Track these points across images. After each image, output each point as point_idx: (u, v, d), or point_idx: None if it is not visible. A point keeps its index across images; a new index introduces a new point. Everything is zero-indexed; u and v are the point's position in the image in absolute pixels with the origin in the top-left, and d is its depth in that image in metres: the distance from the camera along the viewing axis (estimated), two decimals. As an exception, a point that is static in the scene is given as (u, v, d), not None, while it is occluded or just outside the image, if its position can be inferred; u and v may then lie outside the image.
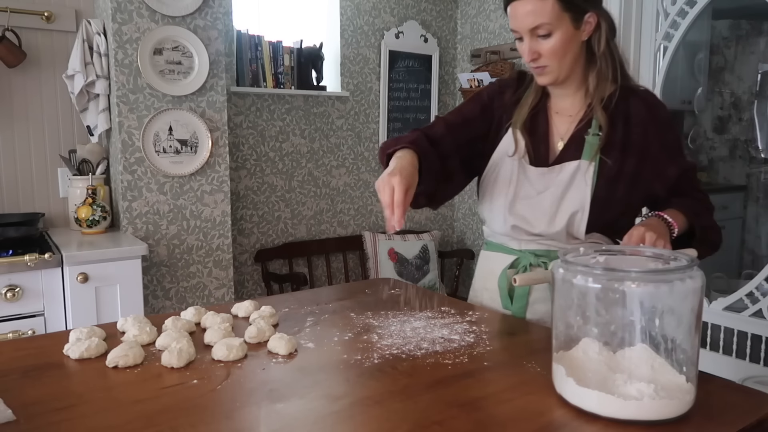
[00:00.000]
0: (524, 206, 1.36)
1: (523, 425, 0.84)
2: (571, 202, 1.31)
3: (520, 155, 1.37)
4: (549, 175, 1.34)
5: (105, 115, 2.42)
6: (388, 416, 0.86)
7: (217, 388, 0.95)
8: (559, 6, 1.22)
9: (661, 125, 1.33)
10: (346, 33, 3.39)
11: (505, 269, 1.40)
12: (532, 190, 1.36)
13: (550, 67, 1.28)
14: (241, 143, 3.06)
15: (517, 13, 1.25)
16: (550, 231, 1.33)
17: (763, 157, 4.29)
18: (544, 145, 1.37)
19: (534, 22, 1.23)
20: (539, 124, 1.39)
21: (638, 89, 1.36)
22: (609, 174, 1.30)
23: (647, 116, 1.32)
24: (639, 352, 0.86)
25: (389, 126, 3.58)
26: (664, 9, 2.76)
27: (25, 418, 0.84)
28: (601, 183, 1.30)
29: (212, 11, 2.51)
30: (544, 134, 1.38)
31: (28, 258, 1.94)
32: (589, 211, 1.30)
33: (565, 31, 1.24)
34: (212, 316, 1.24)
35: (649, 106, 1.34)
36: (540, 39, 1.25)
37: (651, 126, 1.32)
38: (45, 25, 2.48)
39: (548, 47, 1.25)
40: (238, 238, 3.08)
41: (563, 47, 1.26)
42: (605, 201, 1.30)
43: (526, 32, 1.25)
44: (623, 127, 1.32)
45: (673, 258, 0.92)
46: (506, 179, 1.39)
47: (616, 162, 1.31)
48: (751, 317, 2.54)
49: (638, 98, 1.34)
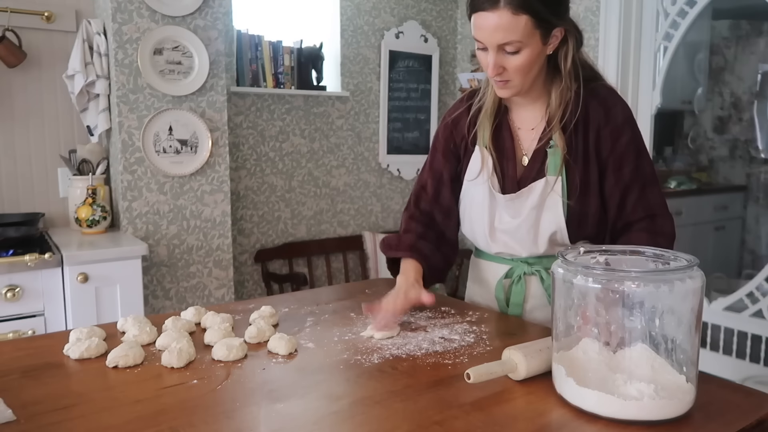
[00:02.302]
0: (504, 235, 1.34)
1: (523, 425, 0.84)
2: (547, 224, 1.28)
3: (488, 175, 1.34)
4: (518, 200, 1.31)
5: (105, 115, 2.42)
6: (388, 416, 0.86)
7: (217, 388, 0.95)
8: (532, 23, 1.14)
9: (614, 127, 1.26)
10: (346, 33, 3.38)
11: (501, 280, 1.39)
12: (507, 217, 1.33)
13: (513, 81, 1.22)
14: (241, 143, 3.06)
15: (484, 25, 1.16)
16: (535, 253, 1.33)
17: (763, 157, 4.29)
18: (511, 162, 1.33)
19: (504, 38, 1.15)
20: (504, 140, 1.34)
21: (599, 91, 1.28)
22: (577, 188, 1.26)
23: (602, 119, 1.26)
24: (639, 352, 0.86)
25: (389, 126, 3.58)
26: (664, 9, 2.76)
27: (25, 418, 0.84)
28: (573, 198, 1.26)
29: (212, 11, 2.51)
30: (510, 150, 1.34)
31: (28, 258, 1.94)
32: (566, 229, 1.27)
33: (534, 48, 1.18)
34: (212, 316, 1.24)
35: (606, 108, 1.27)
36: (507, 54, 1.18)
37: (605, 129, 1.26)
38: (45, 25, 2.48)
39: (515, 63, 1.18)
40: (238, 238, 3.08)
41: (530, 64, 1.19)
42: (580, 216, 1.27)
43: (493, 46, 1.17)
44: (583, 135, 1.27)
45: (673, 258, 0.92)
46: (480, 205, 1.36)
47: (581, 174, 1.26)
48: (751, 317, 2.54)
49: (596, 101, 1.27)
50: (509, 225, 1.32)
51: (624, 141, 1.25)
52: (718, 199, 4.32)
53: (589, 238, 1.30)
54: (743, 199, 4.47)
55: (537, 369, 0.97)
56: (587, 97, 1.26)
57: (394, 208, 3.66)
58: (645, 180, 1.26)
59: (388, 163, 3.60)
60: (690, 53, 4.02)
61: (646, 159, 1.29)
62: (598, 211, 1.28)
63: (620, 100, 1.30)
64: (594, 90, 1.28)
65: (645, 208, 1.26)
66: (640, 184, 1.26)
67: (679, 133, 4.65)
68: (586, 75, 1.29)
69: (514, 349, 0.99)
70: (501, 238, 1.35)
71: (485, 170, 1.34)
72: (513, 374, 0.97)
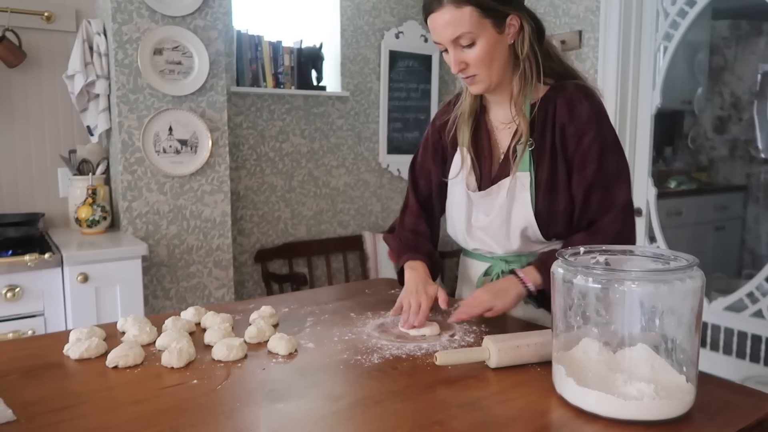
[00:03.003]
0: (480, 233, 1.37)
1: (523, 425, 0.84)
2: (517, 220, 1.29)
3: (465, 174, 1.37)
4: (488, 197, 1.33)
5: (105, 115, 2.42)
6: (388, 416, 0.86)
7: (217, 388, 0.95)
8: (477, 13, 1.17)
9: (578, 126, 1.24)
10: (346, 33, 3.38)
11: (481, 277, 1.41)
12: (482, 215, 1.35)
13: (479, 75, 1.24)
14: (241, 143, 3.06)
15: (436, 25, 1.21)
16: (509, 250, 1.34)
17: (763, 157, 4.29)
18: (488, 161, 1.36)
19: (454, 32, 1.19)
20: (481, 140, 1.37)
21: (566, 88, 1.28)
22: (546, 185, 1.27)
23: (566, 117, 1.25)
24: (639, 352, 0.86)
25: (389, 126, 3.58)
26: (664, 9, 2.76)
27: (25, 418, 0.84)
28: (541, 195, 1.27)
29: (212, 11, 2.51)
30: (487, 149, 1.36)
31: (28, 258, 1.94)
32: (537, 225, 1.27)
33: (489, 37, 1.19)
34: (212, 316, 1.24)
35: (570, 105, 1.25)
36: (464, 49, 1.21)
37: (569, 127, 1.25)
38: (45, 25, 2.48)
39: (474, 56, 1.21)
40: (238, 238, 3.08)
41: (489, 54, 1.21)
42: (549, 214, 1.27)
43: (448, 43, 1.21)
44: (550, 132, 1.27)
45: (673, 258, 0.92)
46: (459, 203, 1.39)
47: (549, 171, 1.27)
48: (751, 317, 2.54)
49: (563, 98, 1.26)
50: (483, 222, 1.35)
51: (587, 140, 1.24)
52: (718, 199, 4.32)
53: (560, 235, 1.30)
54: (743, 199, 4.47)
55: (509, 361, 1.03)
56: (554, 94, 1.27)
57: (394, 208, 3.66)
58: (609, 179, 1.24)
59: (388, 163, 3.60)
60: (690, 53, 4.02)
61: (612, 157, 1.25)
62: (567, 208, 1.27)
63: (589, 97, 1.27)
64: (562, 87, 1.28)
65: (606, 208, 1.24)
66: (603, 183, 1.24)
67: (679, 133, 4.65)
68: (558, 70, 1.30)
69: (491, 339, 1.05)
70: (477, 235, 1.38)
71: (464, 169, 1.37)
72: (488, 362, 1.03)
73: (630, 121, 2.89)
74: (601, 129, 1.25)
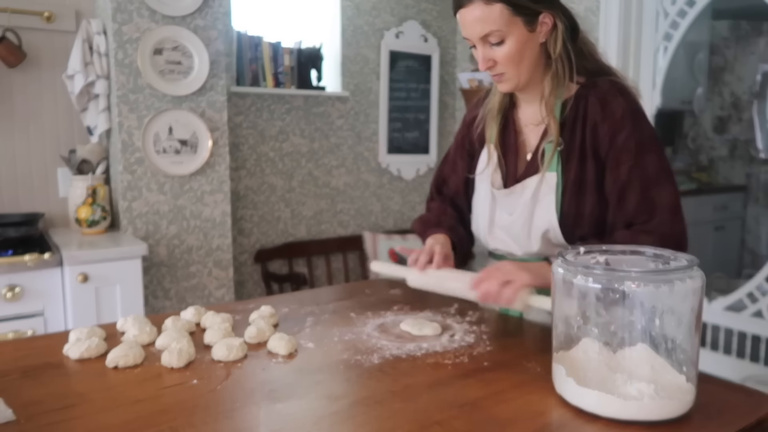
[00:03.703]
0: (501, 232, 1.34)
1: (523, 425, 0.84)
2: (539, 221, 1.25)
3: (491, 171, 1.35)
4: (512, 196, 1.30)
5: (105, 115, 2.42)
6: (388, 416, 0.86)
7: (217, 388, 0.95)
8: (508, 11, 1.14)
9: (612, 123, 1.19)
10: (346, 33, 3.38)
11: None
12: (505, 214, 1.33)
13: (507, 74, 1.21)
14: (241, 143, 3.06)
15: (465, 21, 1.18)
16: (530, 252, 1.29)
17: (763, 157, 4.29)
18: (514, 158, 1.33)
19: (483, 29, 1.15)
20: (509, 138, 1.35)
21: (600, 85, 1.23)
22: (573, 185, 1.22)
23: (599, 115, 1.20)
24: (639, 352, 0.86)
25: (389, 126, 3.58)
26: (664, 9, 2.76)
27: (25, 418, 0.84)
28: (568, 196, 1.22)
29: (212, 11, 2.51)
30: (514, 147, 1.33)
31: (28, 258, 1.94)
32: (560, 228, 1.23)
33: (519, 35, 1.16)
34: (212, 316, 1.24)
35: (604, 102, 1.20)
36: (493, 46, 1.18)
37: (602, 125, 1.20)
38: (45, 25, 2.48)
39: (502, 54, 1.18)
40: (238, 238, 3.08)
41: (519, 53, 1.17)
42: (575, 216, 1.22)
43: (477, 40, 1.18)
44: (581, 132, 1.22)
45: (673, 258, 0.92)
46: (483, 202, 1.38)
47: (577, 171, 1.22)
48: (751, 317, 2.54)
49: (595, 96, 1.22)
50: (506, 221, 1.33)
51: (622, 137, 1.18)
52: (718, 199, 4.32)
53: (585, 239, 1.25)
54: (743, 199, 4.47)
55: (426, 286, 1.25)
56: (587, 92, 1.23)
57: (394, 208, 3.66)
58: (648, 179, 1.17)
59: (388, 163, 3.60)
60: (690, 53, 4.02)
61: (652, 156, 1.18)
62: (594, 211, 1.22)
63: (624, 94, 1.22)
64: (595, 84, 1.24)
65: (646, 210, 1.17)
66: (641, 183, 1.17)
67: (679, 133, 4.65)
68: (591, 68, 1.26)
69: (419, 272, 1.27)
70: (498, 234, 1.36)
71: (490, 166, 1.35)
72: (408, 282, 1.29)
73: (630, 121, 2.89)
74: (638, 126, 1.19)
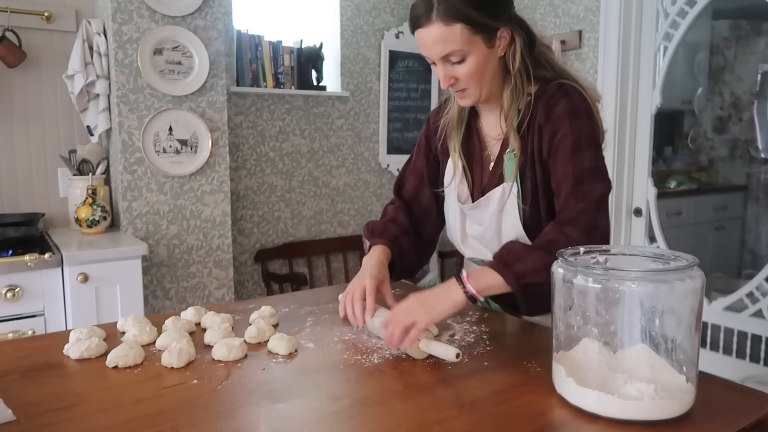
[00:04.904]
0: (474, 242, 1.36)
1: (523, 425, 0.84)
2: (507, 231, 1.27)
3: (457, 183, 1.35)
4: (479, 209, 1.31)
5: (105, 115, 2.42)
6: (388, 416, 0.86)
7: (217, 388, 0.95)
8: (468, 30, 1.12)
9: (552, 123, 1.18)
10: (346, 33, 3.38)
11: None
12: (475, 225, 1.34)
13: (469, 90, 1.21)
14: (241, 143, 3.06)
15: (425, 41, 1.16)
16: None
17: (763, 157, 4.29)
18: (479, 168, 1.34)
19: (444, 50, 1.14)
20: (473, 147, 1.35)
21: (549, 89, 1.21)
22: (532, 192, 1.23)
23: (543, 118, 1.20)
24: (639, 352, 0.86)
25: (389, 126, 3.58)
26: (664, 9, 2.76)
27: (25, 418, 0.84)
28: (528, 203, 1.23)
29: (212, 11, 2.51)
30: (478, 156, 1.34)
31: (28, 258, 1.94)
32: (526, 235, 1.24)
33: (479, 53, 1.16)
34: (212, 316, 1.24)
35: (549, 105, 1.20)
36: (454, 64, 1.17)
37: (545, 127, 1.20)
38: (45, 25, 2.48)
39: (464, 72, 1.17)
40: (238, 238, 3.08)
41: (480, 70, 1.17)
42: (537, 221, 1.23)
43: (437, 59, 1.17)
44: (531, 138, 1.22)
45: (673, 258, 0.92)
46: (452, 213, 1.38)
47: (533, 177, 1.23)
48: (751, 317, 2.54)
49: (543, 100, 1.21)
50: (477, 231, 1.34)
51: (559, 136, 1.17)
52: (718, 199, 4.32)
53: None
54: (743, 199, 4.47)
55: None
56: (537, 98, 1.22)
57: (394, 208, 3.66)
58: (580, 175, 1.15)
59: (388, 163, 3.60)
60: (690, 53, 4.02)
61: (587, 152, 1.16)
62: (551, 212, 1.22)
63: (567, 95, 1.20)
64: (545, 89, 1.22)
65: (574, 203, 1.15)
66: (573, 179, 1.16)
67: (679, 133, 4.65)
68: (548, 76, 1.24)
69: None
70: (472, 243, 1.37)
71: (456, 177, 1.36)
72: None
73: (630, 121, 2.89)
74: (575, 125, 1.17)
